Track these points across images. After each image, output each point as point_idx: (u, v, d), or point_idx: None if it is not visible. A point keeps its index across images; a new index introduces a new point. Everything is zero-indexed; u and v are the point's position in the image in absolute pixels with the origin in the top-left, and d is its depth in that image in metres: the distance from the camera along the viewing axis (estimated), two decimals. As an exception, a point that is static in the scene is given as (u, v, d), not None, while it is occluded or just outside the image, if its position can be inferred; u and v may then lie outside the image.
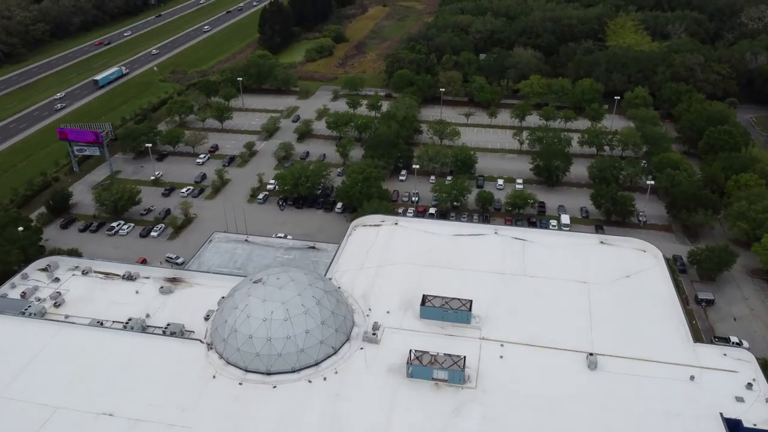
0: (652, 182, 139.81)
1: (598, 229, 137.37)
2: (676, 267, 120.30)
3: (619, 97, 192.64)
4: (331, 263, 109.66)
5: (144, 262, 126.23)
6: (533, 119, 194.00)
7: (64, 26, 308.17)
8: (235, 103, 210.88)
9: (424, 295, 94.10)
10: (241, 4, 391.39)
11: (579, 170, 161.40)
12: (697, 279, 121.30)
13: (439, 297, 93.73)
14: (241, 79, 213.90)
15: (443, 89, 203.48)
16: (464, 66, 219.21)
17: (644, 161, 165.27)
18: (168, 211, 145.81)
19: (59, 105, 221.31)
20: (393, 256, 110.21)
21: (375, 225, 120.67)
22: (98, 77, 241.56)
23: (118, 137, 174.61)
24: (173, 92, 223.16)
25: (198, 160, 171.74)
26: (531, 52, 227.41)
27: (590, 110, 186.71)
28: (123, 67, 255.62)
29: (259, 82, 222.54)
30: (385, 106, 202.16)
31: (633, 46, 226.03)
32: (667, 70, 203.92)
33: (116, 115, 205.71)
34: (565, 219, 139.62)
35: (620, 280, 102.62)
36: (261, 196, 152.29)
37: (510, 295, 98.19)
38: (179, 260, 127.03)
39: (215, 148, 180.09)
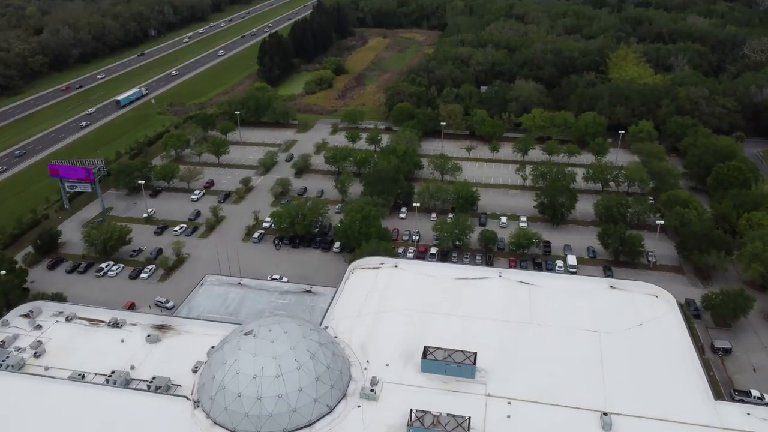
0: (662, 222, 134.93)
1: (606, 270, 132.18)
2: (689, 312, 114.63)
3: (623, 132, 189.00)
4: (327, 309, 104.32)
5: (132, 306, 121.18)
6: (536, 153, 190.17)
7: (63, 58, 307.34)
8: (232, 137, 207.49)
9: (425, 347, 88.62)
10: (254, 29, 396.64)
11: (584, 207, 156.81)
12: (712, 325, 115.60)
13: (441, 349, 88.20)
14: (238, 112, 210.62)
15: (444, 123, 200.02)
16: (465, 99, 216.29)
17: (651, 198, 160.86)
18: (160, 251, 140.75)
19: (84, 123, 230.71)
20: (392, 302, 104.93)
21: (374, 267, 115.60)
22: (120, 97, 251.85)
23: (111, 173, 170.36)
24: (170, 125, 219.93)
25: (192, 197, 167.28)
26: (533, 85, 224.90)
27: (594, 145, 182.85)
28: (143, 88, 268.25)
29: (257, 116, 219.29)
30: (385, 139, 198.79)
31: (636, 78, 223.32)
32: (671, 104, 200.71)
33: (111, 148, 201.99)
34: (572, 260, 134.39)
35: (632, 329, 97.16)
36: (256, 234, 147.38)
37: (517, 346, 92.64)
38: (169, 304, 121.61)
39: (211, 183, 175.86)
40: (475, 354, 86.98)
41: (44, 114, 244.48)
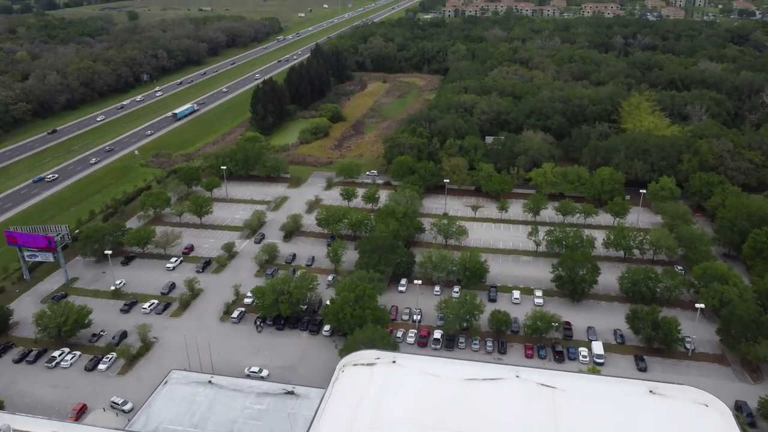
0: (702, 306, 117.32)
1: (639, 361, 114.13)
2: (744, 421, 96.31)
3: (644, 191, 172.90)
4: (312, 422, 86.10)
5: (83, 409, 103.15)
6: (548, 213, 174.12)
7: (48, 105, 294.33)
8: (218, 193, 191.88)
9: (429, 488, 70.49)
10: (287, 55, 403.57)
11: (607, 278, 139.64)
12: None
13: (450, 491, 70.13)
14: (224, 167, 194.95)
15: (447, 180, 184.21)
16: (470, 151, 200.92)
17: (681, 268, 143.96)
18: (124, 335, 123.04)
19: (150, 132, 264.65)
20: (390, 413, 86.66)
21: (368, 364, 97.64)
22: (177, 111, 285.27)
23: (79, 238, 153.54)
24: (152, 180, 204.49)
25: (168, 265, 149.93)
26: (542, 136, 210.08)
27: (613, 205, 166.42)
28: (195, 104, 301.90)
29: (247, 169, 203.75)
30: (384, 195, 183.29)
31: (652, 129, 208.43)
32: (693, 158, 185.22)
33: (86, 206, 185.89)
34: (598, 347, 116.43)
35: (684, 453, 79.04)
36: (236, 313, 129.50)
37: (542, 481, 74.43)
38: (126, 406, 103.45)
39: (190, 248, 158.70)
40: (492, 499, 68.97)
41: (21, 166, 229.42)
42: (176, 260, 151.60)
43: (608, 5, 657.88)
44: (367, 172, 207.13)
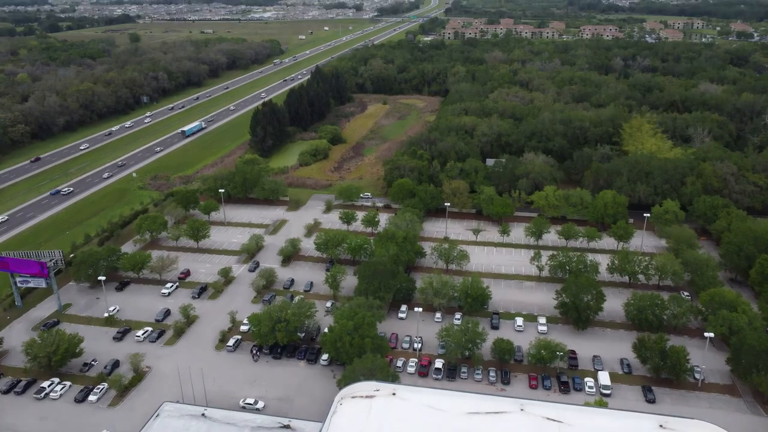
0: (712, 335, 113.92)
1: (647, 392, 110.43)
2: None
3: (648, 215, 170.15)
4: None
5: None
6: (551, 237, 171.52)
7: (47, 127, 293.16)
8: (216, 216, 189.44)
9: None
10: (293, 74, 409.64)
11: (611, 304, 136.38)
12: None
13: None
14: (222, 191, 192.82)
15: (448, 203, 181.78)
16: (470, 174, 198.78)
17: (687, 293, 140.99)
18: (116, 364, 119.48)
19: (159, 148, 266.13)
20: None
21: (367, 396, 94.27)
22: (186, 128, 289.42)
23: (73, 263, 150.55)
24: (149, 203, 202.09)
25: (164, 290, 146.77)
26: (543, 158, 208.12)
27: (617, 228, 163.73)
28: (203, 122, 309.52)
29: (245, 192, 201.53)
30: (384, 218, 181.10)
31: (655, 152, 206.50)
32: (697, 181, 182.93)
33: (82, 230, 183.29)
34: (604, 378, 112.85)
35: (697, 494, 75.39)
36: (232, 342, 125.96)
37: None
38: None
39: (186, 273, 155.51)
40: None
41: (18, 188, 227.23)
42: (172, 286, 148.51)
43: (607, 27, 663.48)
44: (361, 195, 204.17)
